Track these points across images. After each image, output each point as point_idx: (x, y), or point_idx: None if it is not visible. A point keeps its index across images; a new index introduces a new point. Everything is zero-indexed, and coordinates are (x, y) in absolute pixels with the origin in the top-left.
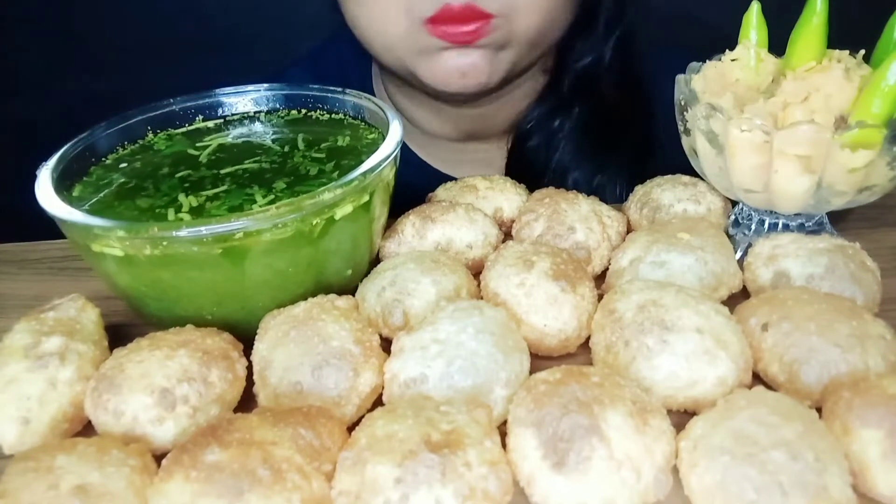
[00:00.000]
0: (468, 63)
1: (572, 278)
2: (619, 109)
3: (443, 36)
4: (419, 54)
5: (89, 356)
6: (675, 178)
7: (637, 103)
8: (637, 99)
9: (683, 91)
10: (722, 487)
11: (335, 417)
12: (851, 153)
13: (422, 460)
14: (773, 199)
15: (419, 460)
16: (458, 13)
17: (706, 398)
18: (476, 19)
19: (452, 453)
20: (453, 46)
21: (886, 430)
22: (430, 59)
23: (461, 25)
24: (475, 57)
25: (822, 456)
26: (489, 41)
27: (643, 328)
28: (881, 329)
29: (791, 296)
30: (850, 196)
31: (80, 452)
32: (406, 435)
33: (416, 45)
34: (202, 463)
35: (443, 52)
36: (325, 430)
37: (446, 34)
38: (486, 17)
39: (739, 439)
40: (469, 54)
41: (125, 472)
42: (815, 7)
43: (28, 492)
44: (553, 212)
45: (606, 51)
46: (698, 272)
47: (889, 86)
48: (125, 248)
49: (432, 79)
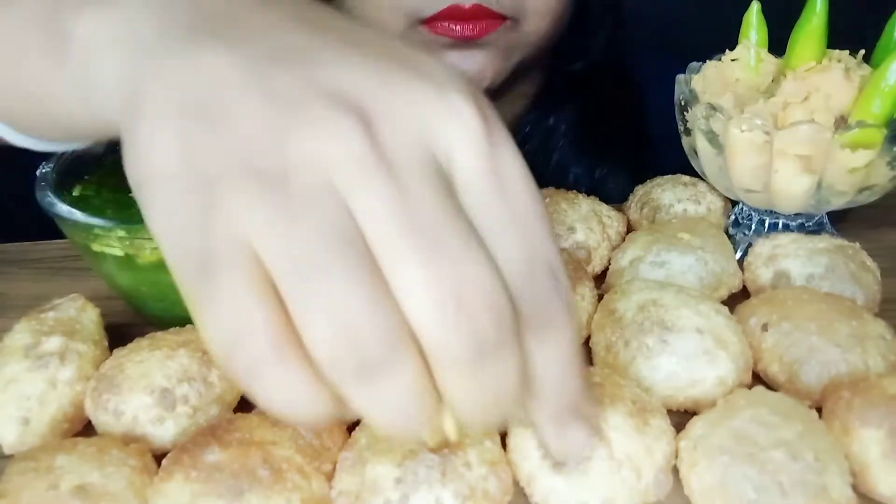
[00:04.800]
0: (472, 67)
1: (572, 278)
2: (613, 104)
3: (445, 32)
4: None
5: (89, 356)
6: (676, 179)
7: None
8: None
9: (683, 91)
10: (722, 487)
11: None
12: (851, 153)
13: (422, 460)
14: (773, 199)
15: (419, 460)
16: (467, 12)
17: (706, 398)
18: (486, 19)
19: (452, 453)
20: (456, 45)
21: (887, 430)
22: None
23: (468, 22)
24: (479, 59)
25: (822, 456)
26: (496, 41)
27: (643, 328)
28: (881, 329)
29: (791, 296)
30: (850, 196)
31: (80, 452)
32: None
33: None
34: (202, 463)
35: (445, 52)
36: (324, 430)
37: (449, 30)
38: (496, 18)
39: (739, 439)
40: (472, 55)
41: (125, 472)
42: (815, 7)
43: (28, 492)
44: (553, 212)
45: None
46: (698, 272)
47: (889, 86)
48: (125, 248)
49: None
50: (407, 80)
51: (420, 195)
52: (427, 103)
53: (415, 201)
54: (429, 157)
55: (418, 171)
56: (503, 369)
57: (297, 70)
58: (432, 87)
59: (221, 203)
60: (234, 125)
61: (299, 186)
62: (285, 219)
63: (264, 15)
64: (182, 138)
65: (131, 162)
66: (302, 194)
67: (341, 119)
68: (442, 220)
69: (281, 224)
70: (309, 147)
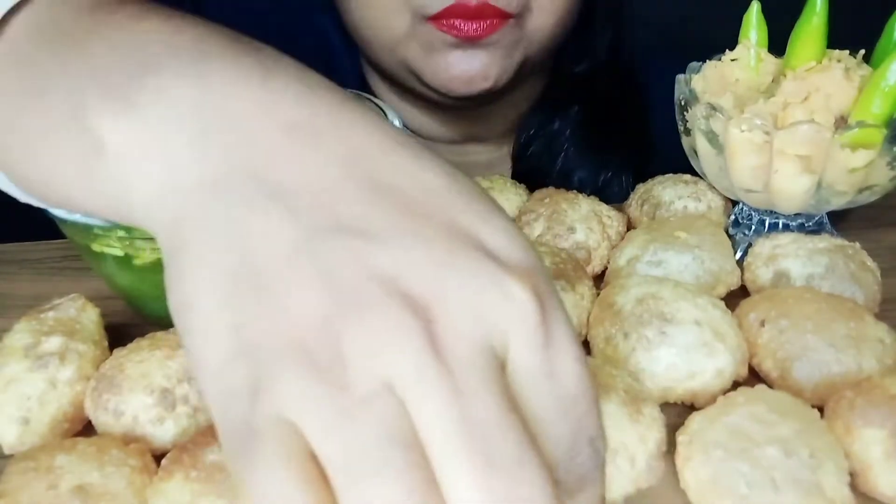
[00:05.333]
0: (475, 67)
1: (571, 277)
2: (616, 106)
3: (450, 30)
4: (423, 52)
5: (89, 356)
6: (677, 177)
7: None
8: (633, 94)
9: (683, 91)
10: (715, 481)
11: None
12: (851, 153)
13: None
14: (773, 199)
15: None
16: (473, 10)
17: (705, 390)
18: (492, 17)
19: None
20: (460, 44)
21: (889, 429)
22: (434, 58)
23: (473, 21)
24: (483, 59)
25: (818, 454)
26: (499, 40)
27: (642, 320)
28: (881, 332)
29: (793, 294)
30: (850, 196)
31: (80, 452)
32: None
33: (419, 42)
34: (202, 462)
35: (449, 51)
36: None
37: (454, 29)
38: (502, 16)
39: (734, 435)
40: (476, 55)
41: (125, 472)
42: (815, 7)
43: (28, 492)
44: (553, 212)
45: (602, 50)
46: (695, 271)
47: (889, 86)
48: (125, 248)
49: (435, 80)
50: (465, 262)
51: (478, 398)
52: (484, 293)
53: (472, 404)
54: (486, 349)
55: (477, 370)
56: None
57: (354, 246)
58: (488, 272)
59: (271, 381)
60: (286, 302)
61: (355, 381)
62: (339, 413)
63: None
64: (229, 300)
65: (173, 291)
66: (358, 390)
67: (400, 314)
68: (497, 425)
69: (335, 418)
70: (366, 343)
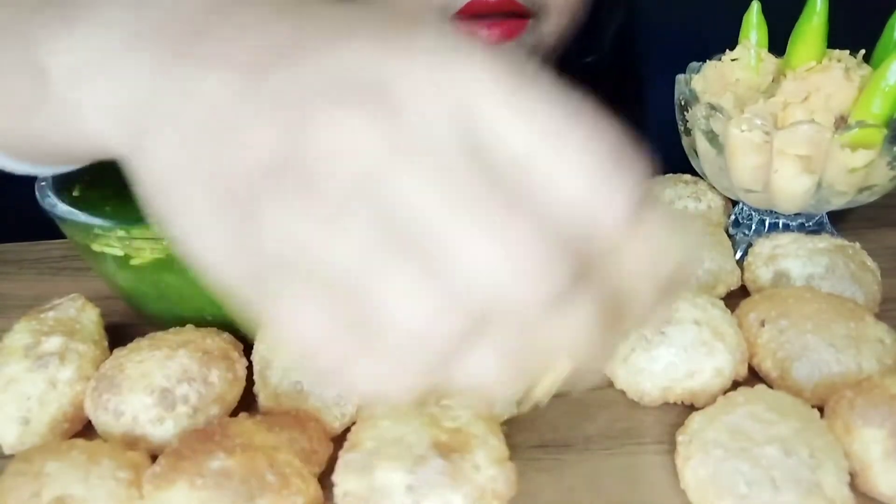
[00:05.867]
0: None
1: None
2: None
3: None
4: None
5: (89, 356)
6: (677, 177)
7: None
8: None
9: (683, 91)
10: (714, 481)
11: (320, 420)
12: (851, 153)
13: (432, 467)
14: (773, 199)
15: (430, 467)
16: (493, 4)
17: (704, 390)
18: (510, 10)
19: (461, 457)
20: None
21: (889, 429)
22: None
23: (493, 26)
24: None
25: (818, 453)
26: (519, 44)
27: None
28: (881, 333)
29: (793, 294)
30: (850, 196)
31: (71, 459)
32: (415, 439)
33: None
34: (207, 469)
35: None
36: (314, 434)
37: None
38: (520, 10)
39: (734, 434)
40: None
41: (110, 486)
42: (815, 7)
43: (15, 495)
44: None
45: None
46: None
47: (889, 86)
48: (125, 247)
49: None
50: (409, 52)
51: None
52: (442, 68)
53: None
54: (452, 117)
55: (446, 139)
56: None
57: (290, 69)
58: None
59: (261, 213)
60: (243, 138)
61: (333, 185)
62: (324, 224)
63: (242, 17)
64: (195, 157)
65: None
66: (338, 192)
67: (351, 108)
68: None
69: (329, 226)
70: (327, 142)
